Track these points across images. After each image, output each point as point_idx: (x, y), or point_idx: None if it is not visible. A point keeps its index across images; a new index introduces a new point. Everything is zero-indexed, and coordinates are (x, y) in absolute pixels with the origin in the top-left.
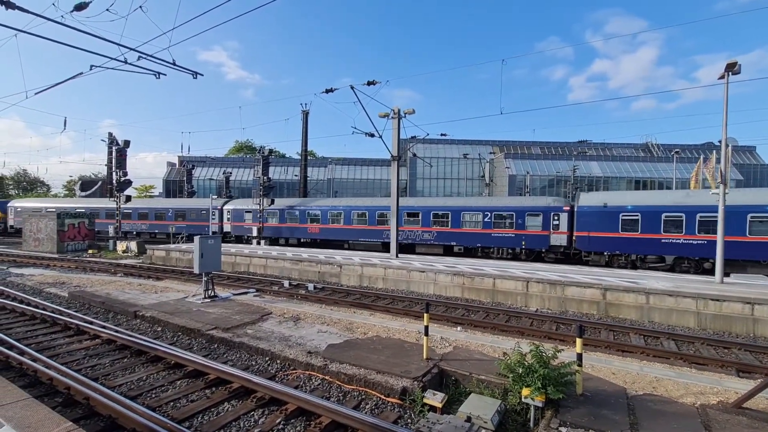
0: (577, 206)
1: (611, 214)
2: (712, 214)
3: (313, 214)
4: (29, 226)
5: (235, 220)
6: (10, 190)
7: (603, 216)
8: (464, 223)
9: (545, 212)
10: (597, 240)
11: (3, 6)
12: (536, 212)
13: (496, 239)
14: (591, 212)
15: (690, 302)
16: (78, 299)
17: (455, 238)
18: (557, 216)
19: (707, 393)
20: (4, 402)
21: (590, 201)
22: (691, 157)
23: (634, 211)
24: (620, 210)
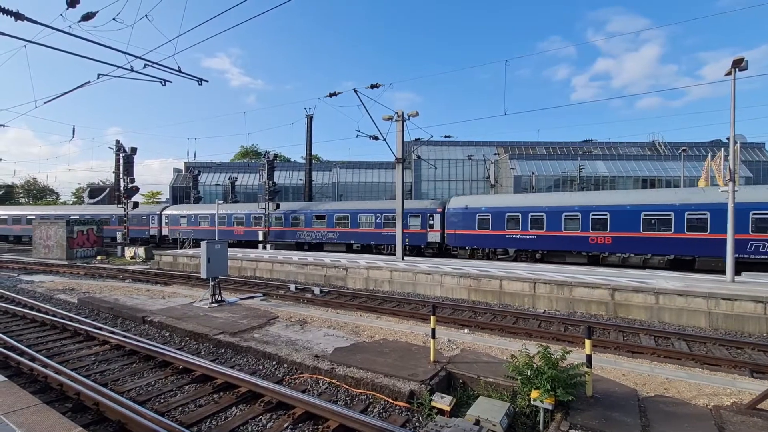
0: (447, 208)
1: (471, 214)
2: (539, 213)
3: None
4: (39, 234)
5: (172, 224)
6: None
7: (465, 216)
8: (360, 223)
9: (423, 213)
10: (461, 237)
11: (12, 17)
12: (416, 214)
13: (386, 237)
14: (456, 213)
15: (701, 302)
16: (87, 305)
17: (354, 237)
18: (432, 217)
19: (720, 394)
20: (15, 408)
21: (456, 204)
22: (698, 154)
23: (486, 212)
24: (477, 211)
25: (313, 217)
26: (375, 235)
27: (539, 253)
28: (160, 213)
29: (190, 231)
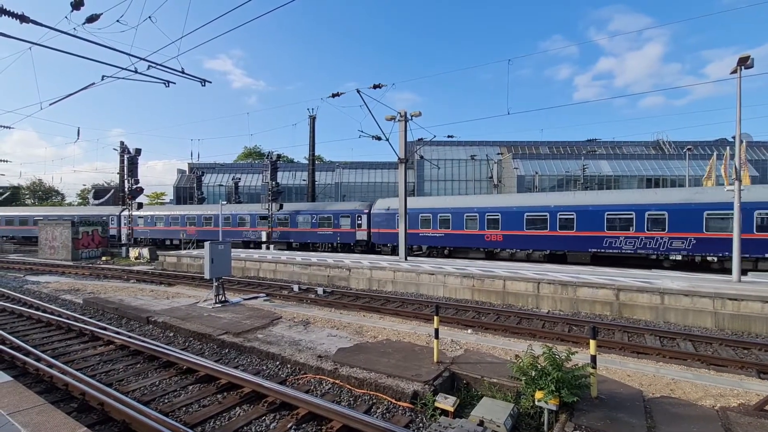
0: (372, 210)
1: (391, 215)
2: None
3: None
4: (45, 235)
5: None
6: (26, 200)
7: (387, 217)
8: (298, 223)
9: (352, 214)
10: (384, 235)
11: (18, 20)
12: (347, 214)
13: (321, 236)
14: (380, 214)
15: (707, 302)
16: (92, 306)
17: (293, 236)
18: (360, 217)
19: (727, 395)
20: (21, 407)
21: (380, 206)
22: (704, 153)
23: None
24: (396, 212)
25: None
26: (310, 234)
27: (447, 249)
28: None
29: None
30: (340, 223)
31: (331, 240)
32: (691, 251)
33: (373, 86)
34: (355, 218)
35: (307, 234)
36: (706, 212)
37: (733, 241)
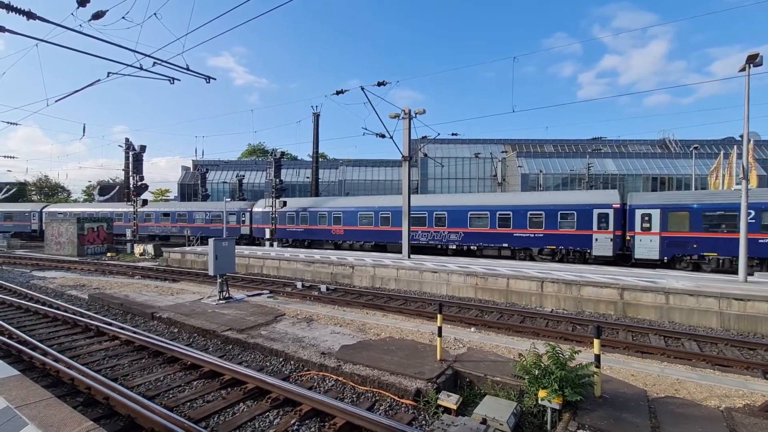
0: (253, 209)
1: (266, 213)
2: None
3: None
4: (51, 230)
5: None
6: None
7: (263, 215)
8: (195, 219)
9: (238, 213)
10: (261, 230)
11: (25, 17)
12: (233, 212)
13: (213, 231)
14: (259, 213)
15: (712, 302)
16: (98, 301)
17: (192, 230)
18: (245, 215)
19: (732, 396)
20: (28, 401)
21: (259, 206)
22: (710, 152)
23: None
24: (269, 212)
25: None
26: (205, 229)
27: (306, 242)
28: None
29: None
30: (228, 219)
31: (220, 234)
32: (461, 242)
33: (377, 83)
34: (240, 216)
35: (202, 229)
36: (469, 212)
37: (740, 241)
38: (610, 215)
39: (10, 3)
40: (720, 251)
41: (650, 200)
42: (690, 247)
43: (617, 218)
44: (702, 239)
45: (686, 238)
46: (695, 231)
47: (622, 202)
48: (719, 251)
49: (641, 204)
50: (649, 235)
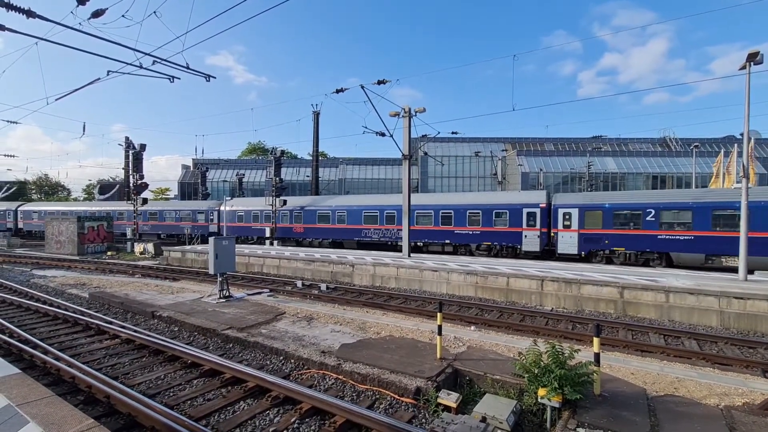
0: (222, 208)
1: (232, 212)
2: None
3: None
4: (51, 229)
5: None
6: (32, 195)
7: (230, 214)
8: (166, 218)
9: (207, 212)
10: (231, 229)
11: (24, 15)
12: (202, 211)
13: (182, 229)
14: (225, 211)
15: (712, 300)
16: (98, 300)
17: (161, 228)
18: (213, 213)
19: (732, 394)
20: (29, 399)
21: (227, 206)
22: (711, 150)
23: (241, 211)
24: (236, 211)
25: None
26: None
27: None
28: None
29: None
30: (197, 218)
31: (190, 232)
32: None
33: (377, 82)
34: (208, 214)
35: (172, 227)
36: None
37: (740, 240)
38: (538, 214)
39: (9, 2)
40: (627, 246)
41: (570, 200)
42: (603, 242)
43: (543, 217)
44: (612, 235)
45: (600, 235)
46: (607, 228)
47: (548, 202)
48: (626, 246)
49: (563, 204)
50: (570, 232)
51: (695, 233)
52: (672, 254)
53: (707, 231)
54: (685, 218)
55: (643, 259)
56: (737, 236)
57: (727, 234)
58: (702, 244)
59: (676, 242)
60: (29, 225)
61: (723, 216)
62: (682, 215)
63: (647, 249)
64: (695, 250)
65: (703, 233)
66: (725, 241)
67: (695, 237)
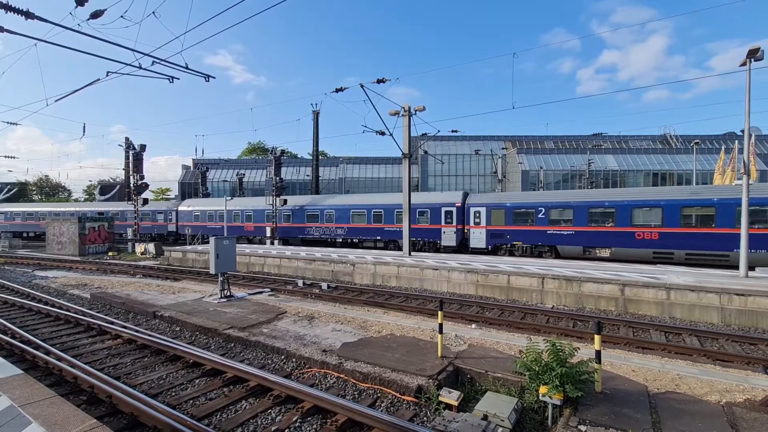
0: (179, 209)
1: (188, 212)
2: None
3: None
4: (52, 230)
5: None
6: (33, 196)
7: (186, 214)
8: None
9: (166, 212)
10: (184, 227)
11: (23, 16)
12: (161, 212)
13: (143, 228)
14: (185, 211)
15: (713, 297)
16: (99, 300)
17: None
18: (171, 214)
19: (733, 391)
20: (32, 399)
21: (184, 206)
22: (711, 148)
23: (197, 211)
24: (192, 211)
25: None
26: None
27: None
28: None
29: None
30: (157, 218)
31: (150, 231)
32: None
33: (377, 81)
34: (167, 215)
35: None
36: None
37: (741, 236)
38: (454, 212)
39: (8, 3)
40: (524, 240)
41: (480, 200)
42: (506, 237)
43: (459, 215)
44: (513, 231)
45: (503, 231)
46: (508, 225)
47: (463, 201)
48: (523, 240)
49: (474, 203)
50: (479, 228)
51: (575, 228)
52: (558, 247)
53: (585, 226)
54: (568, 216)
55: (537, 251)
56: (608, 230)
57: (600, 229)
58: (581, 237)
59: (561, 236)
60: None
61: (597, 213)
62: (566, 213)
63: (539, 242)
64: (576, 243)
65: (582, 228)
66: (599, 234)
67: (575, 232)
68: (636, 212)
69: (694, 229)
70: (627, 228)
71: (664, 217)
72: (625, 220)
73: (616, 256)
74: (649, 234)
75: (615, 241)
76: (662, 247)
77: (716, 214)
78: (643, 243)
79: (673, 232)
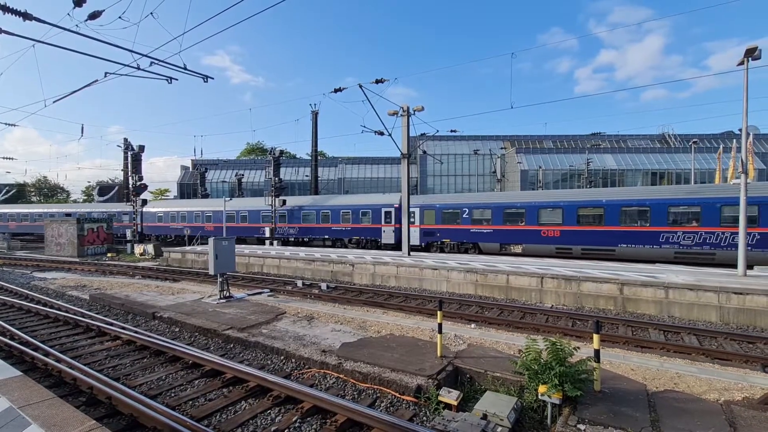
0: (144, 210)
1: (152, 214)
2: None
3: None
4: (51, 231)
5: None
6: (32, 197)
7: (150, 215)
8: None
9: (130, 213)
10: (152, 228)
11: (21, 17)
12: (127, 213)
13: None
14: (149, 212)
15: (712, 296)
16: (99, 301)
17: None
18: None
19: (731, 389)
20: (31, 401)
21: (149, 207)
22: (710, 147)
23: (162, 212)
24: (156, 213)
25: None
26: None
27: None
28: None
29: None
30: (122, 218)
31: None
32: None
33: (375, 81)
34: (132, 216)
35: None
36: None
37: (739, 235)
38: (393, 213)
39: (6, 4)
40: (451, 238)
41: (414, 201)
42: (436, 235)
43: (397, 215)
44: (442, 230)
45: (434, 229)
46: (438, 224)
47: (401, 203)
48: (451, 238)
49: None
50: (414, 227)
51: (493, 227)
52: (480, 244)
53: (501, 225)
54: (487, 216)
55: (464, 248)
56: (520, 229)
57: (513, 227)
58: (498, 235)
59: (482, 234)
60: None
61: (511, 214)
62: (485, 213)
63: (464, 240)
64: (494, 240)
65: (499, 227)
66: (513, 232)
67: (494, 230)
68: (542, 212)
69: (588, 227)
70: (535, 227)
71: (564, 217)
72: (533, 220)
73: (527, 251)
74: (553, 232)
75: (525, 239)
76: (563, 243)
77: (605, 214)
78: (548, 240)
79: (572, 230)
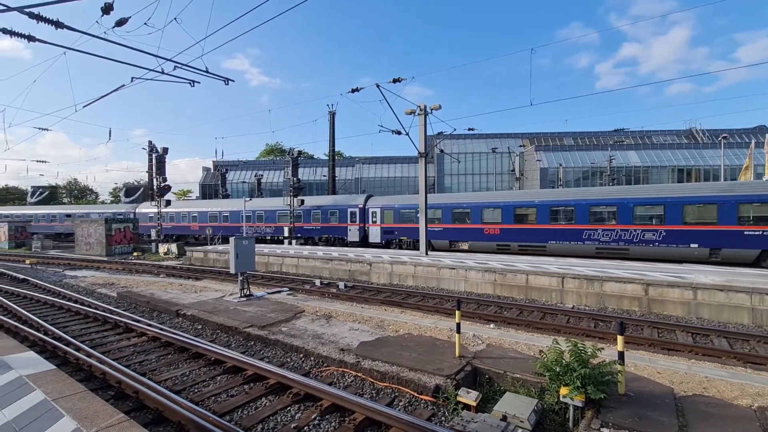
0: (137, 211)
1: (144, 215)
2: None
3: None
4: (80, 231)
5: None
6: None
7: (142, 216)
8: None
9: (125, 213)
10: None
11: (54, 26)
12: (121, 213)
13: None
14: (143, 213)
15: (743, 297)
16: (125, 299)
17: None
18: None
19: (766, 395)
20: (64, 394)
21: (142, 207)
22: (740, 142)
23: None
24: (147, 214)
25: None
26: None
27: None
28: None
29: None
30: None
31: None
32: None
33: (393, 80)
34: (126, 216)
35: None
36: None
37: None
38: (357, 213)
39: (39, 13)
40: (407, 236)
41: (376, 202)
42: (395, 234)
43: (362, 215)
44: (399, 228)
45: (392, 228)
46: (396, 223)
47: (365, 203)
48: (407, 236)
49: (372, 205)
50: (376, 226)
51: (443, 226)
52: (432, 241)
53: (450, 224)
54: (438, 215)
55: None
56: (466, 227)
57: (460, 226)
58: (447, 233)
59: (434, 232)
60: None
61: (458, 213)
62: (437, 213)
63: (418, 238)
64: (443, 237)
65: (448, 226)
66: (460, 230)
67: (443, 228)
68: (485, 212)
69: (523, 226)
70: (479, 225)
71: (503, 216)
72: (477, 219)
73: (472, 248)
74: (494, 230)
75: (471, 236)
76: (503, 240)
77: (537, 213)
78: (490, 237)
79: (510, 228)
